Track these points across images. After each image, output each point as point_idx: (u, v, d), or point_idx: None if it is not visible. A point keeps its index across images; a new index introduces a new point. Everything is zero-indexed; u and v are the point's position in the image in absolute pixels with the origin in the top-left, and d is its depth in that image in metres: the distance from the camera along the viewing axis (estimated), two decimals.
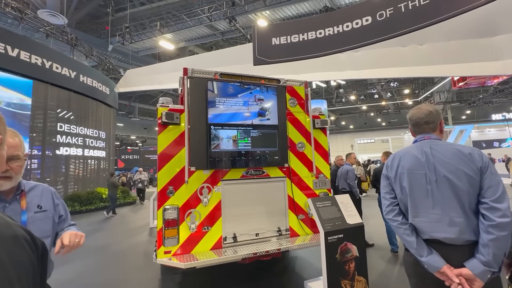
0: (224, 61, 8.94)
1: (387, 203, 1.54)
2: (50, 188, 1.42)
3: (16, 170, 1.16)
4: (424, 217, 1.39)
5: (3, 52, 8.21)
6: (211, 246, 2.94)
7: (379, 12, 4.38)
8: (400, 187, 1.48)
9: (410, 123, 1.62)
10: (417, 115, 1.56)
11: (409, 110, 1.78)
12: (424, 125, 1.54)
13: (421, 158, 1.44)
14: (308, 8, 12.70)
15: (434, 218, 1.36)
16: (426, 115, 1.53)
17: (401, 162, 1.50)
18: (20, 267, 0.54)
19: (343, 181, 5.00)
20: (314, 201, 2.76)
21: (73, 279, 3.74)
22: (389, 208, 1.52)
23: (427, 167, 1.41)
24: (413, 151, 1.50)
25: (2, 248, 0.52)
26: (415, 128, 1.59)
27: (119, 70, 15.36)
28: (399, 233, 1.47)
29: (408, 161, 1.48)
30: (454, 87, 15.74)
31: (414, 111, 1.60)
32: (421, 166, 1.43)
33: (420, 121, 1.54)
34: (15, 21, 10.96)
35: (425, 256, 1.34)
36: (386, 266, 3.88)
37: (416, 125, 1.57)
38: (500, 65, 6.00)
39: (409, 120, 1.63)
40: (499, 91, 19.91)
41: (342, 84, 20.47)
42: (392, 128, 30.85)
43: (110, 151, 13.25)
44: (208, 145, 3.02)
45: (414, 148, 1.51)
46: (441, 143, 1.47)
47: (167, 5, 13.75)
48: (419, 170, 1.43)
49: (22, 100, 8.71)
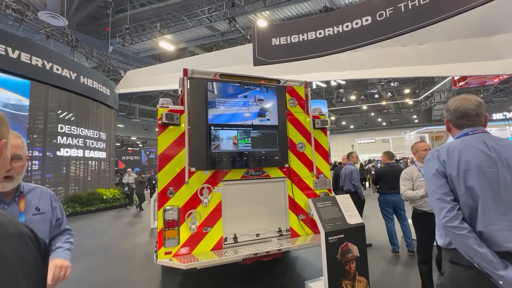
0: (224, 61, 8.95)
1: (447, 207, 1.23)
2: (49, 191, 1.44)
3: (18, 170, 1.19)
4: (498, 225, 1.17)
5: (4, 53, 8.23)
6: (212, 246, 2.94)
7: (378, 12, 4.38)
8: (464, 187, 1.23)
9: (455, 115, 1.39)
10: (466, 105, 1.36)
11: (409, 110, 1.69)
12: (475, 117, 1.34)
13: (491, 153, 1.23)
14: (308, 8, 12.70)
15: (508, 226, 1.15)
16: (477, 106, 1.34)
17: (464, 157, 1.26)
18: (26, 264, 0.54)
19: (348, 182, 4.97)
20: (315, 201, 2.76)
21: (74, 280, 3.73)
22: (452, 213, 1.22)
23: (499, 164, 1.20)
24: (475, 144, 1.27)
25: (9, 246, 0.53)
26: (462, 121, 1.37)
27: (119, 71, 15.38)
28: (468, 243, 1.16)
29: (473, 155, 1.24)
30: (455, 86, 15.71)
31: (459, 101, 1.39)
32: (492, 163, 1.21)
33: (470, 112, 1.34)
34: (15, 23, 10.99)
35: (503, 270, 1.10)
36: (387, 266, 3.88)
37: (465, 117, 1.36)
38: (500, 65, 5.99)
39: (452, 112, 1.40)
40: (499, 90, 19.89)
41: (342, 84, 20.45)
42: (392, 128, 30.82)
43: (111, 152, 13.25)
44: (208, 145, 3.02)
45: (474, 142, 1.28)
46: (502, 138, 1.30)
47: (167, 6, 13.77)
48: (489, 168, 1.21)
49: (19, 101, 8.69)
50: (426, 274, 2.81)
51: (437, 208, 1.28)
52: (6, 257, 0.51)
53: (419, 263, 2.88)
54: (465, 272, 1.22)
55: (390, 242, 4.38)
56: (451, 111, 1.42)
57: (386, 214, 4.42)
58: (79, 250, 5.01)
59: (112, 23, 13.72)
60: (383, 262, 4.01)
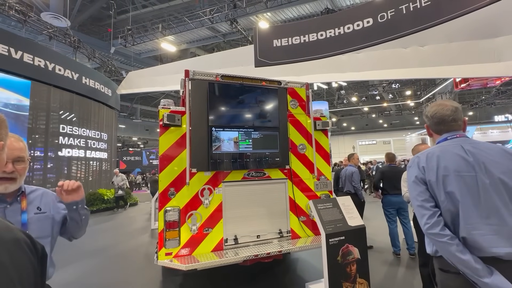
0: (226, 63, 8.96)
1: (427, 214, 1.23)
2: (52, 192, 1.48)
3: (21, 172, 1.24)
4: (481, 229, 1.15)
5: (7, 54, 8.27)
6: (212, 248, 2.94)
7: (380, 14, 4.38)
8: (444, 193, 1.23)
9: (432, 121, 1.42)
10: (442, 112, 1.38)
11: (411, 111, 1.70)
12: (451, 122, 1.37)
13: (468, 157, 1.23)
14: (309, 10, 12.72)
15: (491, 230, 1.14)
16: (453, 112, 1.36)
17: (442, 163, 1.26)
18: (21, 269, 0.55)
19: (348, 183, 4.96)
20: (316, 203, 2.75)
21: (75, 281, 3.74)
22: (433, 220, 1.21)
23: (477, 168, 1.21)
24: (452, 149, 1.28)
25: (4, 251, 0.53)
26: (440, 127, 1.40)
27: (121, 72, 15.44)
28: (450, 251, 1.15)
29: (451, 161, 1.25)
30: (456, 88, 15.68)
31: (436, 107, 1.42)
32: (470, 167, 1.21)
33: (446, 118, 1.37)
34: (18, 24, 11.05)
35: (487, 277, 1.08)
36: (388, 268, 3.86)
37: (441, 123, 1.39)
38: (502, 67, 5.98)
39: (429, 118, 1.43)
40: (501, 92, 19.83)
41: (344, 86, 20.45)
42: (393, 130, 30.78)
43: (112, 153, 13.29)
44: (209, 146, 3.02)
45: (452, 147, 1.30)
46: (479, 142, 1.30)
47: (169, 8, 13.83)
48: (467, 172, 1.21)
49: (20, 101, 8.68)
50: (427, 277, 2.80)
51: (418, 215, 1.29)
52: (2, 263, 0.51)
53: (420, 266, 2.87)
54: (455, 280, 1.20)
55: (392, 244, 4.36)
56: (429, 117, 1.44)
57: (390, 216, 4.39)
58: (79, 251, 5.01)
59: (114, 24, 13.79)
60: (384, 264, 4.00)
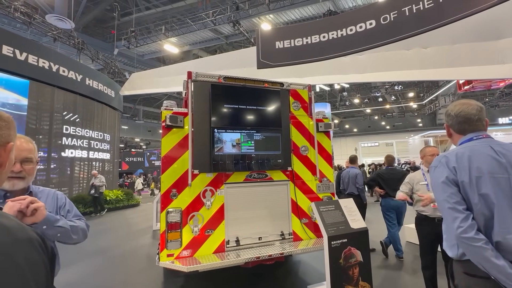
0: (228, 64, 8.98)
1: (460, 217, 1.17)
2: (57, 192, 1.50)
3: (29, 172, 1.28)
4: None
5: (12, 56, 8.36)
6: (214, 249, 2.93)
7: (383, 16, 4.37)
8: (478, 195, 1.17)
9: (456, 120, 1.36)
10: (467, 110, 1.33)
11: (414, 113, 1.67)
12: (477, 122, 1.31)
13: (500, 158, 1.19)
14: (311, 12, 12.74)
15: None
16: (478, 111, 1.32)
17: (474, 163, 1.20)
18: (35, 269, 0.55)
19: (351, 185, 4.94)
20: (318, 205, 2.74)
21: (76, 281, 3.75)
22: (466, 223, 1.15)
23: (510, 169, 1.17)
24: (482, 150, 1.23)
25: (20, 251, 0.54)
26: (464, 126, 1.34)
27: (124, 73, 15.55)
28: (485, 256, 1.10)
29: (483, 161, 1.20)
30: (460, 90, 15.60)
31: (460, 106, 1.36)
32: (503, 169, 1.17)
33: (472, 117, 1.32)
34: (24, 26, 11.18)
35: None
36: (391, 271, 3.83)
37: (467, 122, 1.33)
38: (506, 68, 5.93)
39: (453, 117, 1.37)
40: (505, 94, 19.68)
41: (346, 87, 20.42)
42: (396, 132, 30.61)
43: (115, 154, 13.35)
44: (212, 148, 3.03)
45: (481, 147, 1.25)
46: (505, 143, 1.27)
47: (172, 10, 13.92)
48: (501, 174, 1.17)
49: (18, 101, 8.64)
50: (429, 279, 2.78)
51: (449, 218, 1.21)
52: (17, 263, 0.52)
53: (422, 268, 2.85)
54: (483, 285, 1.16)
55: (394, 247, 4.33)
56: (452, 116, 1.38)
57: (389, 220, 4.36)
58: (81, 251, 5.03)
59: (118, 26, 13.90)
60: (387, 267, 3.97)
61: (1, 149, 0.68)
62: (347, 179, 5.04)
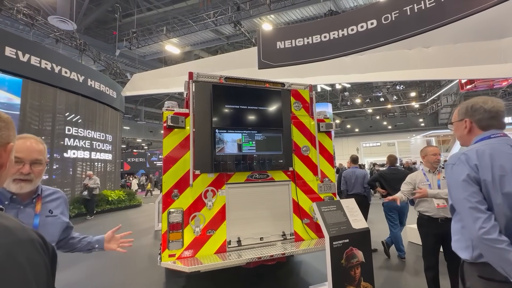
0: (229, 65, 9.00)
1: (483, 217, 1.12)
2: (65, 197, 1.51)
3: (37, 174, 1.24)
4: None
5: (15, 57, 8.42)
6: (216, 249, 2.94)
7: (384, 15, 4.36)
8: (501, 194, 1.13)
9: (489, 114, 1.30)
10: (499, 106, 1.29)
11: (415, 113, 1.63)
12: (503, 118, 1.30)
13: None
14: (312, 12, 12.73)
15: None
16: (505, 109, 1.32)
17: (497, 161, 1.16)
18: (37, 269, 0.56)
19: (359, 186, 4.91)
20: (319, 205, 2.74)
21: (78, 282, 3.76)
22: (489, 224, 1.10)
23: None
24: (503, 148, 1.20)
25: (21, 252, 0.54)
26: (493, 121, 1.30)
27: (126, 74, 15.60)
28: (508, 258, 1.05)
29: (506, 160, 1.16)
30: (462, 90, 15.54)
31: (491, 101, 1.32)
32: None
33: (502, 113, 1.29)
34: (26, 27, 11.25)
35: None
36: (393, 272, 3.81)
37: (496, 118, 1.29)
38: (509, 68, 5.90)
39: (486, 111, 1.31)
40: (508, 94, 19.57)
41: (347, 87, 20.37)
42: (398, 132, 30.51)
43: (117, 154, 13.40)
44: (213, 148, 3.03)
45: (501, 145, 1.22)
46: None
47: (173, 11, 13.96)
48: None
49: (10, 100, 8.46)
50: (432, 280, 2.76)
51: (470, 218, 1.15)
52: (19, 263, 0.52)
53: (425, 269, 2.83)
54: None
55: (396, 248, 4.31)
56: (482, 110, 1.31)
57: (392, 220, 4.35)
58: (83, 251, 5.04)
59: (120, 27, 13.96)
60: (389, 268, 3.95)
61: (1, 150, 0.68)
62: (353, 179, 4.98)
